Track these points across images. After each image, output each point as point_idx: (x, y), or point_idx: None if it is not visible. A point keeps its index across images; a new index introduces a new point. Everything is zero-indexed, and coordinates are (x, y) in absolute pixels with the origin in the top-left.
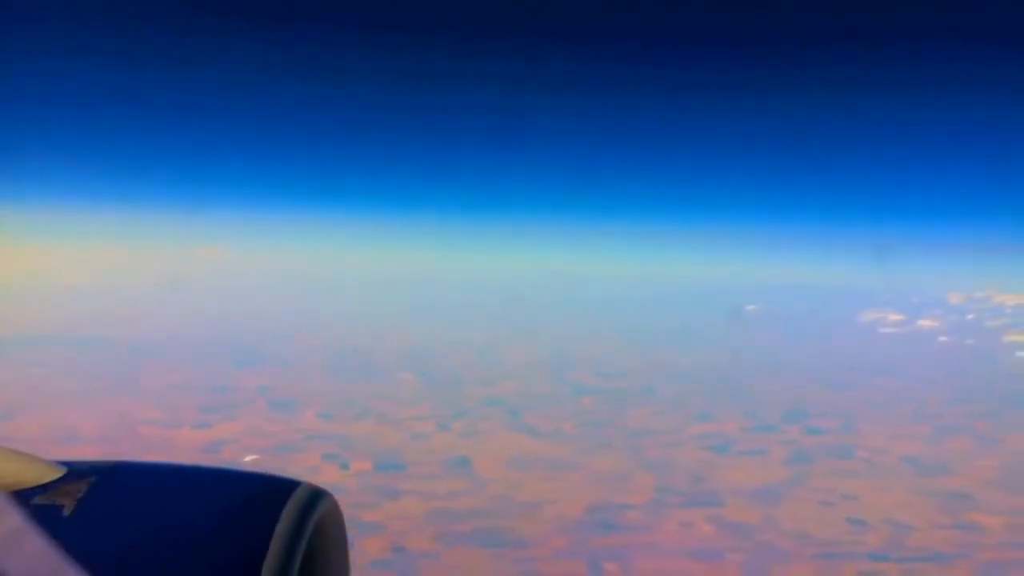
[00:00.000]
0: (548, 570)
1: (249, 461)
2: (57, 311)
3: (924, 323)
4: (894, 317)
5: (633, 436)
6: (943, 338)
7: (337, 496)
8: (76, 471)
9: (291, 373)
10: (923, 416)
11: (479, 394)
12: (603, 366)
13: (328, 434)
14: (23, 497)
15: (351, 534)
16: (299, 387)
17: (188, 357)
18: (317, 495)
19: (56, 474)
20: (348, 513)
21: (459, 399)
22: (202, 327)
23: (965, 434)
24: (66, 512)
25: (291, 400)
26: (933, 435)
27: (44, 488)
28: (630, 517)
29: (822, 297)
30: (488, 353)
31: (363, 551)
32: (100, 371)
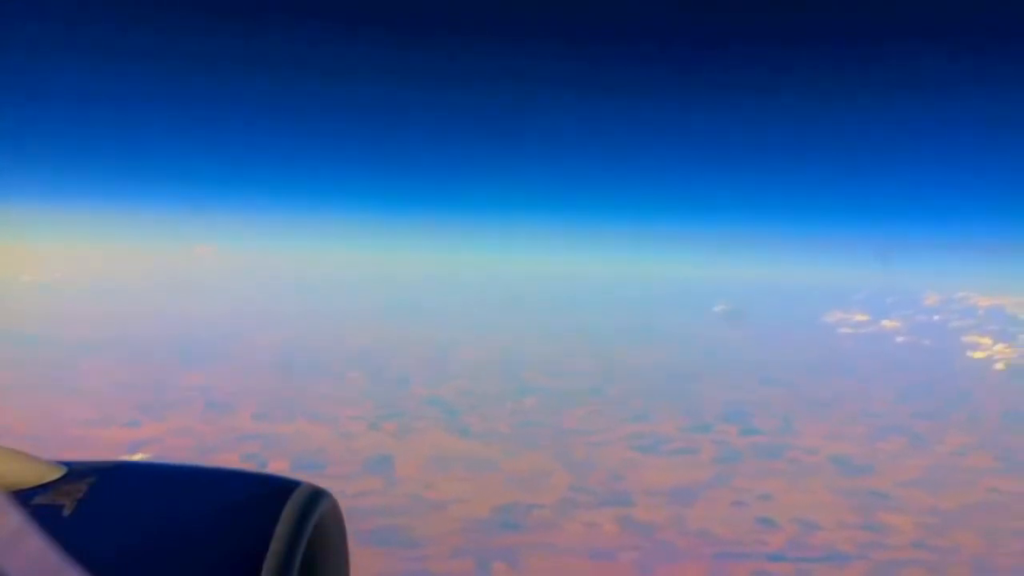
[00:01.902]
0: (435, 568)
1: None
2: (21, 309)
3: (887, 324)
4: (859, 318)
5: (565, 436)
6: (900, 338)
7: None
8: (76, 471)
9: (241, 373)
10: (864, 416)
11: (423, 393)
12: (558, 366)
13: (257, 434)
14: (23, 497)
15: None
16: (244, 387)
17: (142, 356)
18: (317, 495)
19: (56, 474)
20: None
21: (401, 398)
22: (166, 326)
23: (902, 434)
24: (66, 512)
25: (230, 400)
26: (869, 435)
27: (44, 488)
28: (536, 516)
29: (795, 297)
30: (446, 352)
31: None
32: (50, 369)
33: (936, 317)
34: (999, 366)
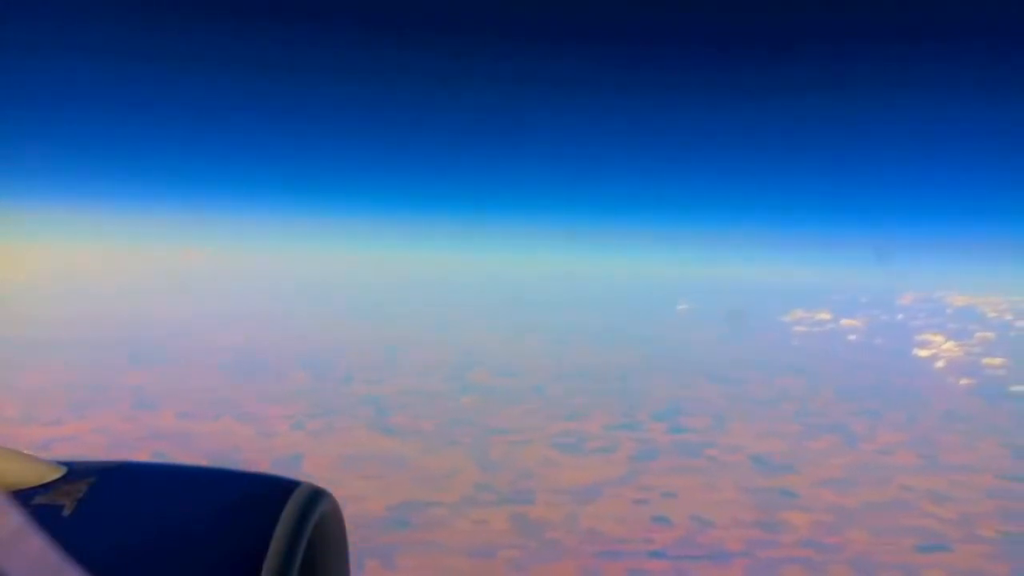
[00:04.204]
0: None
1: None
2: None
3: (847, 323)
4: (821, 316)
5: (489, 434)
6: (852, 337)
7: None
8: (76, 471)
9: (186, 372)
10: (802, 414)
11: (361, 392)
12: (508, 365)
13: (174, 433)
14: (23, 497)
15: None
16: (181, 386)
17: (92, 356)
18: (317, 495)
19: (56, 474)
20: None
21: (337, 397)
22: (129, 326)
23: (835, 432)
24: (66, 512)
25: (161, 399)
26: (800, 433)
27: (44, 488)
28: (430, 514)
29: (773, 296)
30: (400, 351)
31: None
32: None
33: (900, 316)
34: (940, 364)
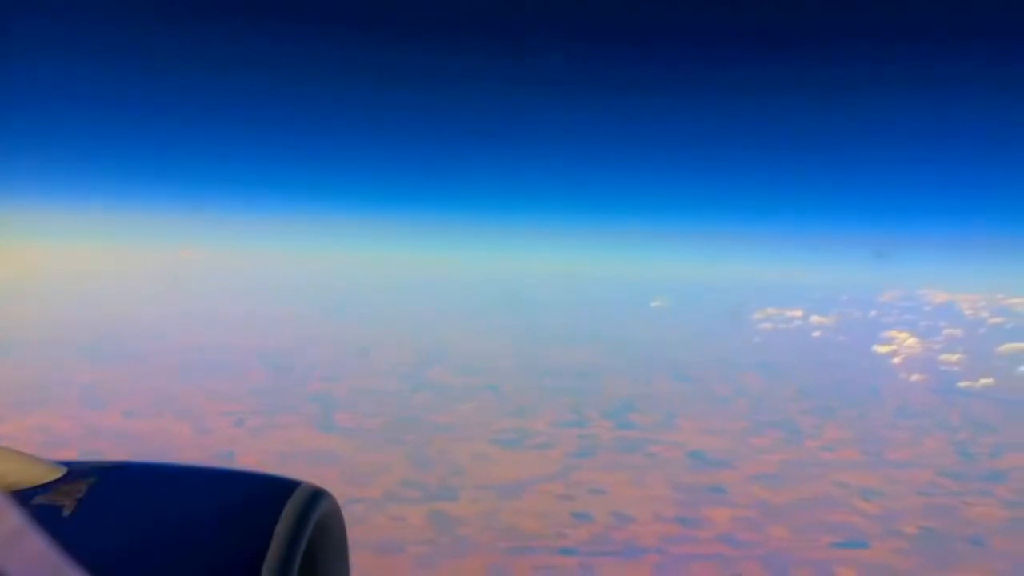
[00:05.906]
0: None
1: None
2: None
3: (817, 320)
4: (791, 313)
5: (431, 431)
6: (817, 334)
7: None
8: (76, 471)
9: (145, 371)
10: (753, 411)
11: (313, 390)
12: (469, 363)
13: (114, 431)
14: (23, 497)
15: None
16: (135, 385)
17: (55, 354)
18: (317, 495)
19: (56, 474)
20: None
21: (287, 395)
22: (103, 326)
23: (780, 429)
24: (66, 512)
25: (110, 398)
26: (747, 430)
27: (44, 488)
28: (347, 511)
29: (747, 294)
30: (364, 350)
31: None
32: None
33: (873, 313)
34: (896, 360)
